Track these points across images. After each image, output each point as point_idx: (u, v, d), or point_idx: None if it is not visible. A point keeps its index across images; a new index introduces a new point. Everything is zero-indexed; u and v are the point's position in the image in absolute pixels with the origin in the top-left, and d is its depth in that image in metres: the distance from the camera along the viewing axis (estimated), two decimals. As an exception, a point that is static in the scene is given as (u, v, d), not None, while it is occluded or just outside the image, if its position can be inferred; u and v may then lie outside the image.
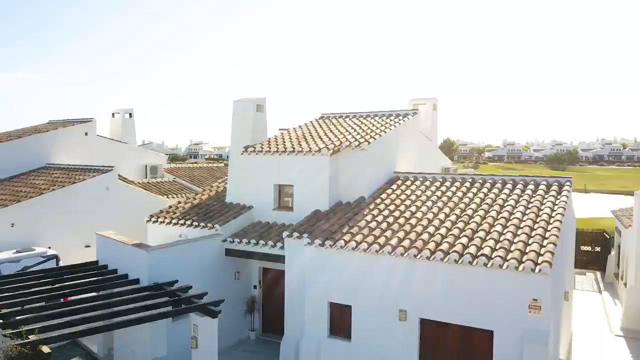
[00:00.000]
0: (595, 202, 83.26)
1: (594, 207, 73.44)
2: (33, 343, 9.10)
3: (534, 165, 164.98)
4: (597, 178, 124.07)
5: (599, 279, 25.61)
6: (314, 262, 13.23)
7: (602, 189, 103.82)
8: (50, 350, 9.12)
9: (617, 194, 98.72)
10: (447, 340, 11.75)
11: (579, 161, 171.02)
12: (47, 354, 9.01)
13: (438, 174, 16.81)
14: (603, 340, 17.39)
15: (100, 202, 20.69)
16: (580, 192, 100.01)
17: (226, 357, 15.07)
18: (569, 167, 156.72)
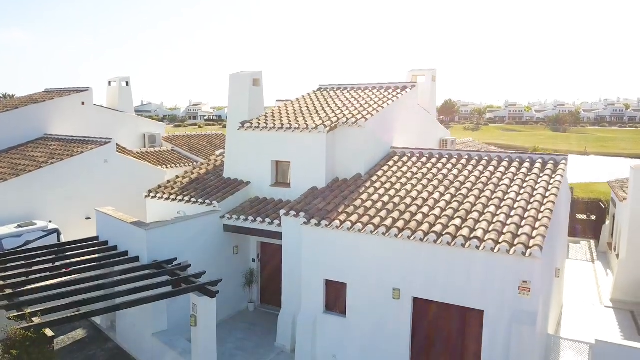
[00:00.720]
0: (595, 165, 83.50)
1: (593, 171, 73.71)
2: (37, 326, 9.40)
3: (535, 127, 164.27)
4: (597, 140, 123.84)
5: (592, 248, 26.01)
6: (310, 241, 13.46)
7: (602, 152, 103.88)
8: (53, 334, 9.43)
9: (617, 156, 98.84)
10: (439, 319, 12.10)
11: (581, 122, 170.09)
12: (51, 337, 9.33)
13: (435, 150, 16.84)
14: (592, 312, 17.87)
15: (99, 174, 20.83)
16: (579, 155, 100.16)
17: (225, 329, 15.56)
18: (570, 128, 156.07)
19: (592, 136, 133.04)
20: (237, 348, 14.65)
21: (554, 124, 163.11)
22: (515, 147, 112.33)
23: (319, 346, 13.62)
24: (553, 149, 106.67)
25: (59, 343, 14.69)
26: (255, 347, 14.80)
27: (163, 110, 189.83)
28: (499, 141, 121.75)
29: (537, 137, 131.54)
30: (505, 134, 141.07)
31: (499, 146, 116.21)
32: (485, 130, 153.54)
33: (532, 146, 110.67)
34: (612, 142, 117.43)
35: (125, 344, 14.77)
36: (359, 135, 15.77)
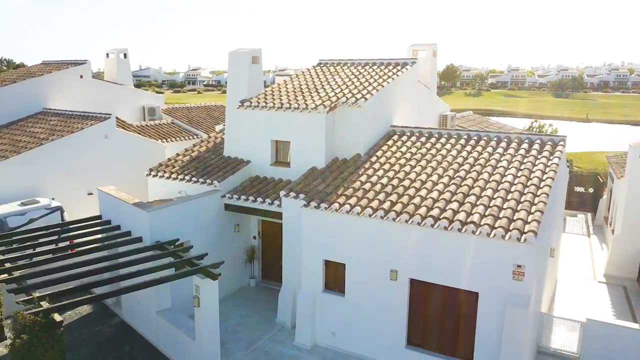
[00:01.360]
0: (596, 133, 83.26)
1: (594, 139, 73.59)
2: (46, 311, 9.72)
3: (538, 92, 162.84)
4: (600, 106, 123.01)
5: (589, 221, 26.33)
6: (310, 222, 13.69)
7: (604, 119, 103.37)
8: (62, 318, 9.76)
9: (619, 123, 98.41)
10: (435, 299, 12.45)
11: (584, 87, 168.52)
12: (60, 322, 9.65)
13: (434, 129, 16.88)
14: (586, 287, 18.29)
15: (100, 150, 20.93)
16: (581, 122, 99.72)
17: (228, 305, 15.98)
18: (573, 94, 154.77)
19: (595, 102, 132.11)
20: (239, 324, 15.10)
21: (557, 89, 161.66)
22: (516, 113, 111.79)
23: (319, 323, 14.05)
24: (554, 116, 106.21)
25: (66, 319, 15.12)
26: (257, 323, 15.24)
27: (161, 75, 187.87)
28: (500, 107, 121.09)
29: (539, 103, 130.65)
30: (506, 100, 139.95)
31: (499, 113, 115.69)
32: (486, 96, 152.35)
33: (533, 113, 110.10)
34: (615, 109, 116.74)
35: (130, 320, 15.23)
36: (359, 115, 15.79)
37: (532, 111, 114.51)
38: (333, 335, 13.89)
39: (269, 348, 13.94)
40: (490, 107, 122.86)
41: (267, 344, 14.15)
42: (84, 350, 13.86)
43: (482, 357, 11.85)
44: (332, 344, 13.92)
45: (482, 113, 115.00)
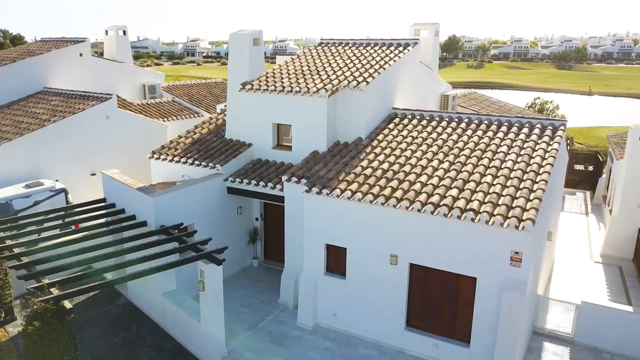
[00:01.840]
0: (598, 106, 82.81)
1: (596, 112, 73.29)
2: (56, 298, 10.01)
3: (540, 64, 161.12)
4: (603, 78, 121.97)
5: (587, 200, 26.54)
6: (311, 207, 13.90)
7: (606, 92, 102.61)
8: (71, 305, 10.06)
9: (621, 96, 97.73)
10: (434, 284, 12.76)
11: (587, 59, 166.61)
12: (69, 309, 9.96)
13: (435, 112, 16.93)
14: (582, 267, 18.62)
15: (102, 130, 21.01)
16: (583, 95, 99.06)
17: (231, 285, 16.34)
18: (576, 65, 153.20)
19: (598, 74, 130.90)
20: (243, 305, 15.49)
21: (560, 60, 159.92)
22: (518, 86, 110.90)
23: (320, 305, 14.41)
24: (557, 89, 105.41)
25: (74, 299, 15.48)
26: (260, 303, 15.62)
27: (160, 47, 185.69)
28: (502, 80, 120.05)
29: (541, 75, 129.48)
30: (508, 72, 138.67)
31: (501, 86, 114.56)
32: (488, 67, 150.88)
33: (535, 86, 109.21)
34: (617, 81, 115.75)
35: (136, 301, 15.61)
36: (360, 99, 15.81)
37: (534, 84, 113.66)
38: (334, 317, 14.27)
39: (272, 329, 14.34)
40: (492, 79, 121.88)
41: (270, 324, 14.55)
42: (93, 331, 14.27)
43: (479, 339, 12.23)
44: (334, 324, 14.32)
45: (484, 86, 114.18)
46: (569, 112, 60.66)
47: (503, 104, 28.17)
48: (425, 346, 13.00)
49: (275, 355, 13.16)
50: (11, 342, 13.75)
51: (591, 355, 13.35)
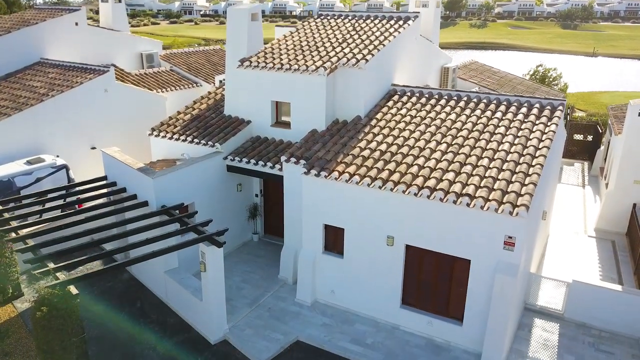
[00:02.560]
0: (603, 68, 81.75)
1: (600, 75, 72.46)
2: (62, 283, 10.35)
3: (545, 23, 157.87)
4: (608, 38, 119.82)
5: (585, 171, 26.73)
6: (310, 189, 14.09)
7: (611, 53, 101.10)
8: (77, 291, 10.40)
9: (626, 57, 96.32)
10: (429, 264, 13.10)
11: (593, 17, 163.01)
12: (76, 294, 10.30)
13: (434, 89, 16.87)
14: (576, 241, 18.98)
15: (100, 104, 21.02)
16: (588, 57, 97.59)
17: (232, 261, 16.74)
18: (581, 24, 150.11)
19: (603, 34, 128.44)
20: (244, 281, 15.92)
21: (565, 19, 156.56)
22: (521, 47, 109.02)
23: (319, 281, 14.83)
24: (561, 50, 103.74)
25: (78, 274, 15.90)
26: (260, 279, 16.05)
27: (156, 4, 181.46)
28: (505, 40, 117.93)
29: (546, 35, 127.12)
30: (512, 31, 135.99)
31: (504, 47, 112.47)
32: (492, 27, 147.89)
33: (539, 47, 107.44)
34: (623, 42, 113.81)
35: (139, 276, 16.03)
36: (360, 77, 15.74)
37: (538, 44, 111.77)
38: (332, 293, 14.70)
39: (272, 305, 14.80)
40: (495, 39, 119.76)
41: (270, 300, 15.01)
42: (98, 307, 14.73)
43: (472, 318, 12.67)
44: (332, 301, 14.77)
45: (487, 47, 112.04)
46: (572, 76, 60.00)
47: (504, 75, 27.92)
48: (420, 323, 13.47)
49: (275, 332, 13.65)
50: (20, 317, 14.23)
51: (579, 331, 13.85)
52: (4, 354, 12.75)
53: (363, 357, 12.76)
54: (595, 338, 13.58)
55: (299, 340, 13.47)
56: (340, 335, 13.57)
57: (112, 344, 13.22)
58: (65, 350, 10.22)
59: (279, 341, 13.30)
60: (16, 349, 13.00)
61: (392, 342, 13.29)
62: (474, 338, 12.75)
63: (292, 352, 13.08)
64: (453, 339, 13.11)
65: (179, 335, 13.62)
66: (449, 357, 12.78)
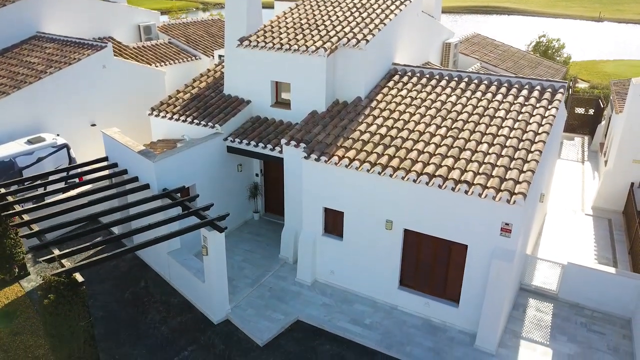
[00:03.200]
0: (608, 34, 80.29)
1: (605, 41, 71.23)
2: (68, 271, 10.59)
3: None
4: (614, 2, 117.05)
5: (585, 146, 26.74)
6: (310, 172, 14.19)
7: (618, 18, 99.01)
8: (83, 279, 10.65)
9: (632, 22, 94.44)
10: (427, 248, 13.33)
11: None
12: (82, 282, 10.56)
13: (435, 69, 16.74)
14: (573, 220, 19.21)
15: (99, 80, 20.87)
16: (593, 22, 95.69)
17: (233, 240, 16.99)
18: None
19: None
20: (245, 260, 16.21)
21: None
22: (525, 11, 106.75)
23: (319, 262, 15.12)
24: (565, 14, 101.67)
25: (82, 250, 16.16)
26: (261, 258, 16.35)
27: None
28: (508, 4, 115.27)
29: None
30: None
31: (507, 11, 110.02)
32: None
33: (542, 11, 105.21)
34: (629, 5, 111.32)
35: (142, 255, 16.31)
36: (360, 57, 15.60)
37: (543, 8, 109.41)
38: (332, 274, 15.01)
39: (273, 284, 15.14)
40: (497, 3, 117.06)
41: (271, 280, 15.34)
42: (103, 286, 15.08)
43: (468, 299, 13.00)
44: (331, 280, 15.09)
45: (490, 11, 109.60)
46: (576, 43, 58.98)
47: (506, 48, 27.56)
48: (417, 304, 13.82)
49: (275, 312, 14.02)
50: (27, 296, 14.59)
51: (572, 311, 14.22)
52: (14, 333, 13.14)
53: (362, 337, 13.16)
54: (588, 318, 13.96)
55: (299, 320, 13.86)
56: (339, 315, 13.95)
57: (117, 324, 13.61)
58: (73, 334, 10.55)
59: (280, 321, 13.68)
60: (25, 328, 13.39)
61: (390, 322, 13.67)
62: (470, 319, 13.11)
63: (292, 332, 13.47)
64: (449, 319, 13.48)
65: (182, 315, 13.99)
66: (445, 337, 13.18)
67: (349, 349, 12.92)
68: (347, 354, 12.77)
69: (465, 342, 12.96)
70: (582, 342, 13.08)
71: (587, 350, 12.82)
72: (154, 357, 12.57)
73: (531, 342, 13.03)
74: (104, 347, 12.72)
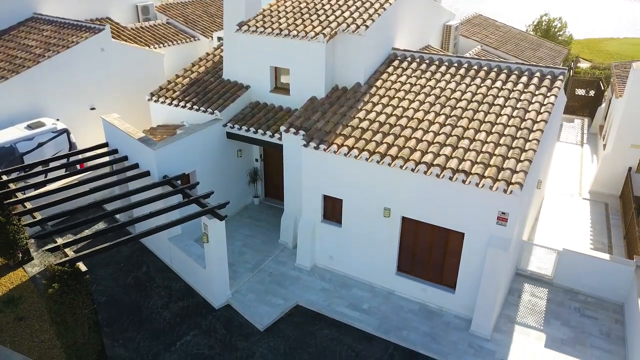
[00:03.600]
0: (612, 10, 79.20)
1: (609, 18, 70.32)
2: (71, 260, 10.79)
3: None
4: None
5: (584, 128, 26.75)
6: (309, 160, 14.29)
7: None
8: (86, 268, 10.86)
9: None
10: (425, 235, 13.52)
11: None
12: (85, 271, 10.77)
13: (434, 54, 16.67)
14: (570, 204, 19.38)
15: (97, 64, 20.79)
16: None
17: (233, 225, 17.18)
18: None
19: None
20: (245, 245, 16.43)
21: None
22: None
23: (318, 248, 15.34)
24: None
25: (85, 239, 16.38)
26: (261, 243, 16.56)
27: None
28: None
29: None
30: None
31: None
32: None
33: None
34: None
35: (143, 240, 16.50)
36: (360, 43, 15.52)
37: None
38: (331, 259, 15.25)
39: (273, 269, 15.39)
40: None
41: (271, 265, 15.58)
42: (105, 271, 15.34)
43: (464, 285, 13.25)
44: (330, 265, 15.34)
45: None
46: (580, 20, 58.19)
47: (508, 29, 27.29)
48: (414, 289, 14.08)
49: (275, 297, 14.29)
50: (31, 281, 14.85)
51: (567, 297, 14.49)
52: (19, 318, 13.43)
53: (359, 322, 13.45)
54: (582, 303, 14.24)
55: (298, 304, 14.14)
56: (338, 300, 14.22)
57: (120, 309, 13.89)
58: (78, 321, 10.80)
59: (280, 306, 13.96)
60: (30, 313, 13.67)
61: (388, 307, 13.95)
62: (466, 304, 13.39)
63: (292, 317, 13.77)
64: (445, 304, 13.76)
65: (184, 300, 14.27)
66: (441, 322, 13.48)
67: (347, 334, 13.22)
68: (345, 339, 13.07)
69: (460, 327, 13.26)
70: (576, 326, 13.38)
71: (580, 334, 13.12)
72: (156, 341, 12.89)
73: (525, 327, 13.33)
74: (107, 332, 13.03)
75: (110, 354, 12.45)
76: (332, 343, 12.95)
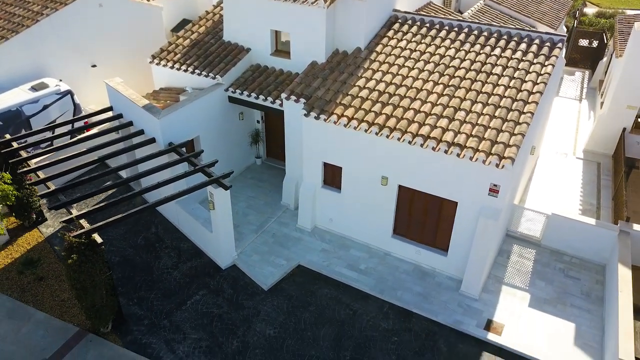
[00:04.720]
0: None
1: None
2: (87, 233, 11.50)
3: None
4: None
5: (584, 82, 26.77)
6: (309, 129, 14.68)
7: None
8: (102, 239, 11.59)
9: None
10: (420, 203, 14.17)
11: None
12: (101, 243, 11.51)
13: (435, 18, 16.61)
14: (564, 163, 19.91)
15: (96, 20, 20.70)
16: None
17: (237, 185, 17.82)
18: None
19: None
20: (249, 206, 17.14)
21: None
22: None
23: (318, 210, 16.05)
24: None
25: (95, 199, 17.08)
26: (264, 204, 17.27)
27: None
28: None
29: None
30: None
31: None
32: None
33: None
34: None
35: (151, 200, 17.18)
36: (360, 8, 15.45)
37: None
38: (330, 221, 16.01)
39: (276, 230, 16.18)
40: None
41: (273, 226, 16.36)
42: (117, 232, 16.14)
43: (456, 249, 14.07)
44: (330, 227, 16.12)
45: None
46: None
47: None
48: (409, 251, 14.93)
49: (278, 257, 15.17)
50: (47, 242, 15.69)
51: (553, 257, 15.36)
52: (39, 278, 14.37)
53: (357, 282, 14.39)
54: (566, 264, 15.12)
55: (300, 265, 15.04)
56: (337, 261, 15.11)
57: (133, 269, 14.81)
58: (96, 287, 11.68)
59: (283, 266, 14.86)
60: (49, 273, 14.60)
61: (384, 268, 14.86)
62: (457, 266, 14.27)
63: (294, 277, 14.70)
64: (438, 266, 14.66)
65: (192, 261, 15.16)
66: (434, 282, 14.42)
67: (345, 293, 14.19)
68: (343, 297, 14.06)
69: (451, 288, 14.21)
70: (558, 287, 14.33)
71: (562, 295, 14.08)
72: (168, 300, 13.87)
73: (512, 287, 14.28)
74: (122, 292, 14.00)
75: (126, 311, 13.46)
76: (331, 302, 13.94)
